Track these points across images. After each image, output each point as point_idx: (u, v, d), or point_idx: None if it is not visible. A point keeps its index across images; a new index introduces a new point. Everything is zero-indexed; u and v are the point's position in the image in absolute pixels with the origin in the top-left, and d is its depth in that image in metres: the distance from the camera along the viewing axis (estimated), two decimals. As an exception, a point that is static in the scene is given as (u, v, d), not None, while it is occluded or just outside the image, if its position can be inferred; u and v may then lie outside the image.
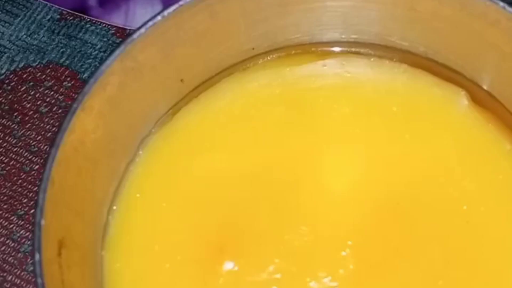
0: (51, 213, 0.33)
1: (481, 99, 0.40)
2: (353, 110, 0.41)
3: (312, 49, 0.43)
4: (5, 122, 0.48)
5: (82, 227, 0.36)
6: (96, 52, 0.49)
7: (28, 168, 0.47)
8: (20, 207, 0.46)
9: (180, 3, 0.37)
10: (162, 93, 0.40)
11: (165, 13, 0.37)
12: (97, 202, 0.38)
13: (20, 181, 0.46)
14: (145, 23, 0.36)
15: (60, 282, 0.33)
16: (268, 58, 0.42)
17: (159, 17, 0.37)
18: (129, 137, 0.39)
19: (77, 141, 0.35)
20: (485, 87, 0.40)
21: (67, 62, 0.49)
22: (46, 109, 0.48)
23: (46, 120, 0.48)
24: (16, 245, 0.45)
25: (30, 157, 0.47)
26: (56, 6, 0.50)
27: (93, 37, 0.50)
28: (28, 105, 0.48)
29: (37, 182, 0.46)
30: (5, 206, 0.46)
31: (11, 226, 0.45)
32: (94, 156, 0.37)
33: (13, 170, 0.47)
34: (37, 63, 0.49)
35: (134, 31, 0.37)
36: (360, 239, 0.37)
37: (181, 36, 0.38)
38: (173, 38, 0.38)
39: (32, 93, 0.49)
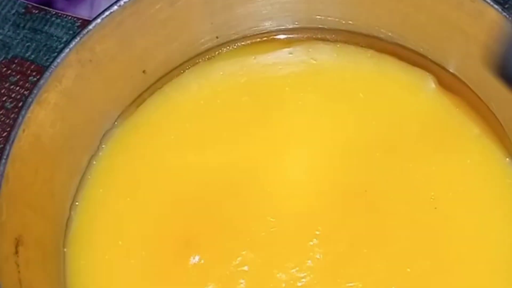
0: (7, 210, 0.32)
1: (449, 83, 0.39)
2: (319, 97, 0.40)
3: (278, 36, 0.42)
4: (-30, 119, 0.47)
5: (42, 224, 0.36)
6: (62, 45, 0.48)
7: (-6, 165, 0.46)
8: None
9: (137, -9, 0.36)
10: (124, 85, 0.39)
11: (122, 2, 0.36)
12: (58, 198, 0.37)
13: (-14, 178, 0.46)
14: (102, 13, 0.36)
15: (17, 280, 0.32)
16: (233, 47, 0.41)
17: (115, 7, 0.36)
18: (91, 131, 0.39)
19: (33, 137, 0.34)
20: (452, 71, 0.39)
21: (33, 56, 0.48)
22: (12, 105, 0.47)
23: (12, 116, 0.47)
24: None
25: (-5, 154, 0.46)
26: (21, -1, 0.50)
27: (59, 30, 0.49)
28: (-7, 101, 0.47)
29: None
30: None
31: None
32: (52, 151, 0.36)
33: (-21, 168, 0.46)
34: (2, 58, 0.48)
35: (90, 21, 0.36)
36: (328, 229, 0.36)
37: (141, 26, 0.37)
38: (132, 28, 0.37)
39: (-3, 88, 0.48)
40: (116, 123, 0.40)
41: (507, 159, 0.38)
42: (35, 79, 0.48)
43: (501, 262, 0.35)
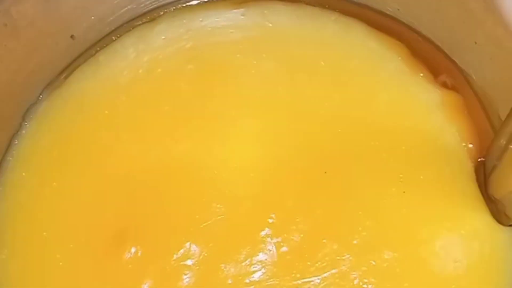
0: None
1: (420, 49, 0.35)
2: (275, 65, 0.35)
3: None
4: None
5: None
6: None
7: None
8: None
9: None
10: (49, 52, 0.34)
11: (39, -46, 0.31)
12: (-28, 184, 0.32)
13: None
14: (15, -31, 0.31)
15: None
16: (176, 7, 0.37)
17: (31, -40, 0.31)
18: (10, 106, 0.34)
19: None
20: (424, 33, 0.34)
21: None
22: None
23: None
24: None
25: None
26: None
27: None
28: None
29: None
30: None
31: None
32: (-37, 130, 0.31)
33: None
34: None
35: (3, -21, 0.31)
36: (282, 216, 0.32)
37: (65, -17, 0.33)
38: (55, -15, 0.32)
39: None
40: (41, 96, 0.35)
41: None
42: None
43: (477, 254, 0.31)
